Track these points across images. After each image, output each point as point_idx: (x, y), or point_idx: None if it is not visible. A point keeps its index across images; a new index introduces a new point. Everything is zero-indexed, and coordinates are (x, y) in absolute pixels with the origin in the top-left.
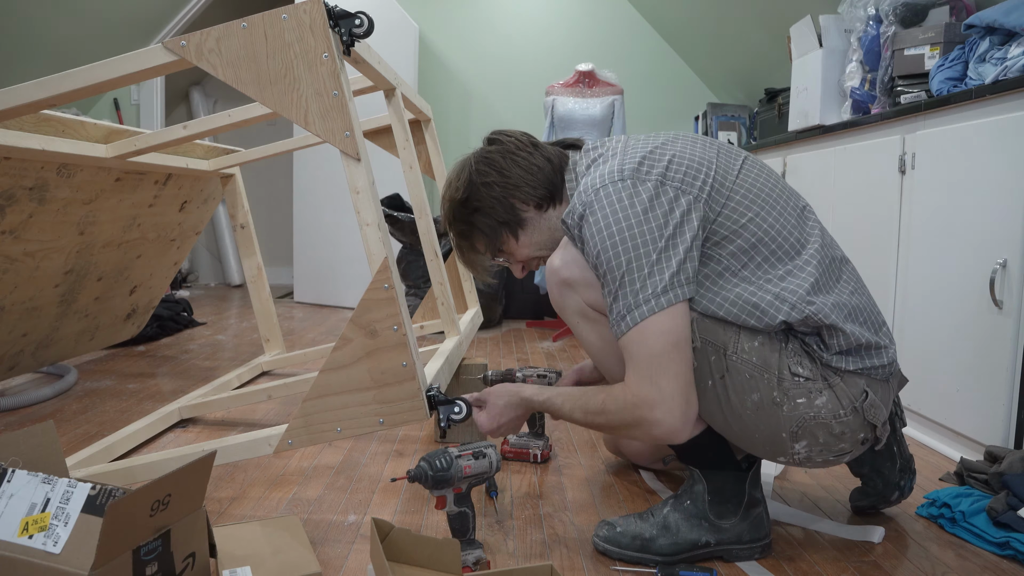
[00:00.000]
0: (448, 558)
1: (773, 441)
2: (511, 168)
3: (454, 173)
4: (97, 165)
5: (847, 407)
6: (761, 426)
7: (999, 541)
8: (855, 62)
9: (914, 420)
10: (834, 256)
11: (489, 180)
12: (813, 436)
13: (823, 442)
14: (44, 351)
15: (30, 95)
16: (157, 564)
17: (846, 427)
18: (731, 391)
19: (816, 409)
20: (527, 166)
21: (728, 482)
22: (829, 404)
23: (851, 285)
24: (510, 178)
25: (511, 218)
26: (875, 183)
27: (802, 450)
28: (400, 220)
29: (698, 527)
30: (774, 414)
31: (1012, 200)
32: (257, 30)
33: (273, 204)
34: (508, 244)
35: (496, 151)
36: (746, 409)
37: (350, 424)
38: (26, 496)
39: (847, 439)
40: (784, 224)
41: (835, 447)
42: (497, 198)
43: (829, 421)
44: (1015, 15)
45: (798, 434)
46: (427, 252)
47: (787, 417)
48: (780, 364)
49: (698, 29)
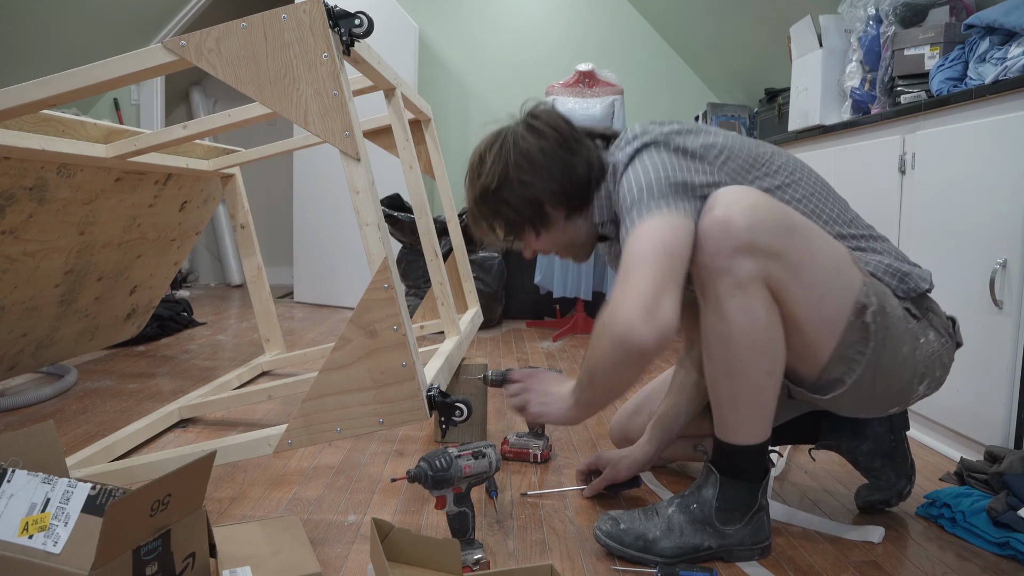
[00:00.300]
0: (448, 558)
1: (905, 389)
2: (551, 171)
3: (489, 153)
4: (97, 165)
5: (944, 335)
6: (902, 376)
7: (999, 541)
8: (855, 62)
9: (914, 420)
10: None
11: (525, 179)
12: (932, 372)
13: (938, 376)
14: (44, 351)
15: (30, 95)
16: (157, 564)
17: (947, 354)
18: (888, 350)
19: (931, 345)
20: (567, 171)
21: (742, 492)
22: (938, 337)
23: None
24: (548, 182)
25: (538, 219)
26: (875, 183)
27: (922, 390)
28: (400, 220)
29: (702, 532)
30: (911, 359)
31: (1012, 200)
32: (257, 30)
33: (273, 204)
34: (528, 237)
35: (538, 147)
36: (895, 363)
37: (350, 424)
38: (26, 496)
39: (948, 367)
40: None
41: (943, 378)
42: (529, 198)
43: (941, 352)
44: (1015, 15)
45: (924, 373)
46: (427, 252)
47: (919, 359)
48: (904, 312)
49: (698, 29)
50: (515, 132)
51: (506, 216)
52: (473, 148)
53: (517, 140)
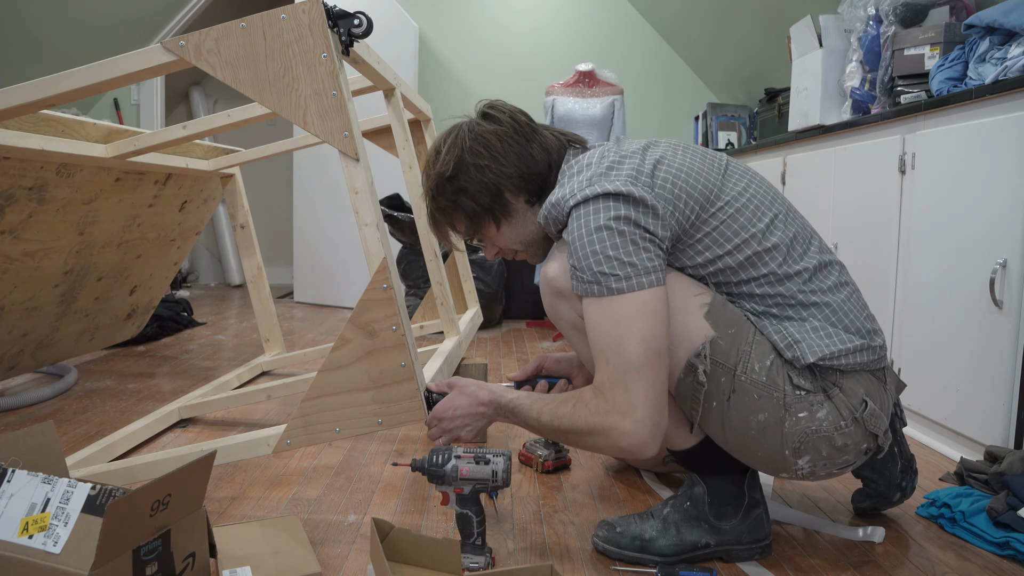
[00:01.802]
0: (448, 558)
1: (776, 459)
2: (507, 155)
3: (444, 143)
4: (97, 165)
5: (847, 418)
6: (765, 445)
7: (999, 541)
8: (855, 62)
9: (914, 420)
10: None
11: (482, 163)
12: (816, 450)
13: (826, 456)
14: (44, 351)
15: (30, 95)
16: (157, 564)
17: (848, 438)
18: (735, 411)
19: (818, 422)
20: (524, 156)
21: (727, 485)
22: (830, 416)
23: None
24: (504, 166)
25: (497, 206)
26: (875, 183)
27: (805, 465)
28: (400, 220)
29: (698, 528)
30: (777, 432)
31: (1012, 200)
32: (256, 30)
33: (273, 204)
34: (488, 230)
35: (493, 132)
36: (751, 429)
37: (349, 424)
38: (26, 496)
39: (850, 451)
40: None
41: (838, 460)
42: (487, 184)
43: (831, 434)
44: (1015, 15)
45: (800, 450)
46: (426, 252)
47: (789, 433)
48: (784, 379)
49: (698, 29)
50: (470, 122)
51: (465, 207)
52: None
53: (472, 128)
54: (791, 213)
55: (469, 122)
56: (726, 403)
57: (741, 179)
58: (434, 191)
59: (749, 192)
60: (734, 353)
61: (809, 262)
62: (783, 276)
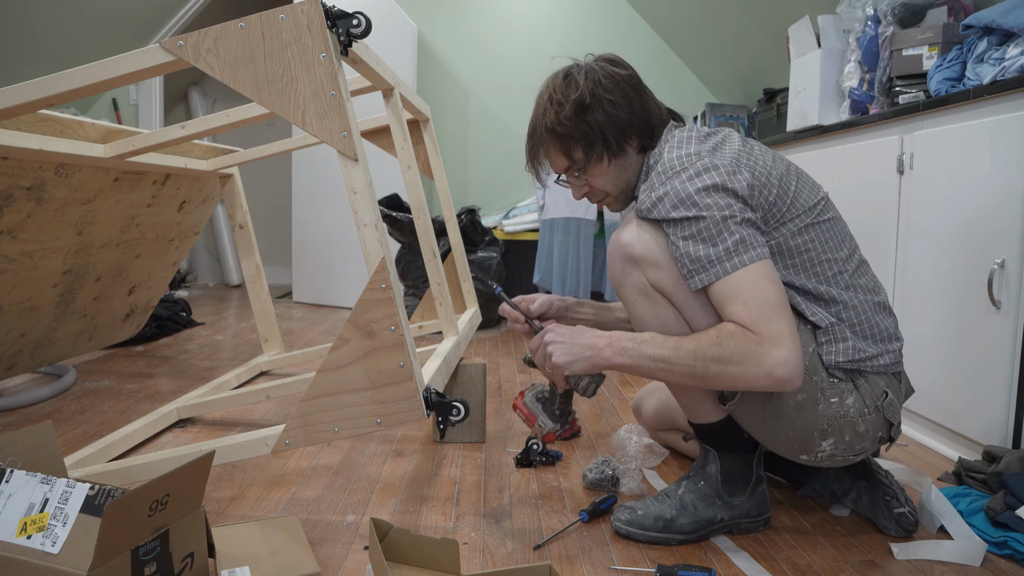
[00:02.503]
0: (447, 558)
1: (804, 438)
2: (634, 100)
3: (577, 73)
4: (95, 165)
5: (871, 406)
6: (798, 424)
7: (997, 541)
8: (853, 62)
9: (913, 420)
10: None
11: (615, 100)
12: (840, 434)
13: (848, 440)
14: (42, 351)
15: (28, 94)
16: (155, 564)
17: (869, 425)
18: (790, 394)
19: (846, 408)
20: (647, 105)
21: (739, 463)
22: (856, 404)
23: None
24: (635, 110)
25: (615, 143)
26: (873, 183)
27: (827, 447)
28: (398, 220)
29: (713, 505)
30: (812, 412)
31: (1010, 200)
32: (255, 30)
33: (272, 204)
34: (597, 166)
35: (624, 77)
36: (789, 408)
37: (347, 424)
38: (24, 496)
39: (868, 438)
40: None
41: (856, 446)
42: (615, 120)
43: (856, 419)
44: (1013, 15)
45: (827, 432)
46: (425, 252)
47: (821, 415)
48: (822, 366)
49: (696, 29)
50: (595, 63)
51: (588, 138)
52: (470, 149)
53: (604, 67)
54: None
55: (597, 61)
56: None
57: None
58: (558, 117)
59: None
60: None
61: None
62: (831, 278)
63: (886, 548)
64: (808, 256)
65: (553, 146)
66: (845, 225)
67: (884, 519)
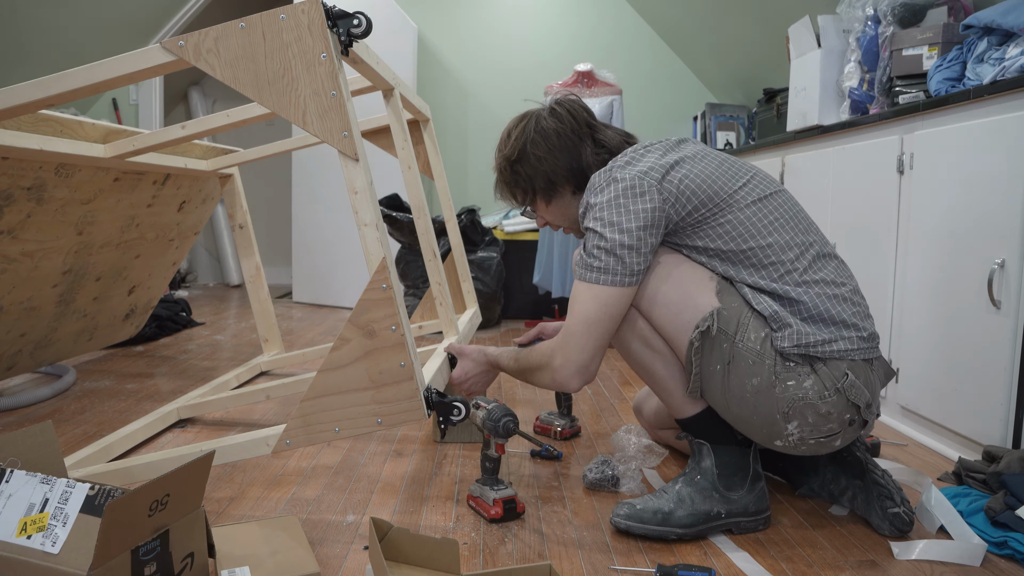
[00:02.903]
0: (447, 558)
1: (769, 423)
2: (561, 151)
3: (514, 129)
4: (95, 165)
5: (830, 388)
6: (759, 408)
7: (997, 541)
8: (853, 62)
9: (913, 420)
10: None
11: (539, 154)
12: (803, 416)
13: (812, 422)
14: (42, 351)
15: (28, 95)
16: (155, 564)
17: (832, 407)
18: (733, 376)
19: (804, 391)
20: (575, 154)
21: (734, 456)
22: (815, 386)
23: None
24: (558, 161)
25: (547, 189)
26: (873, 183)
27: (795, 431)
28: (399, 220)
29: (710, 499)
30: (770, 396)
31: (1010, 200)
32: (255, 30)
33: (272, 204)
34: (539, 206)
35: (554, 130)
36: (746, 392)
37: (348, 424)
38: (24, 496)
39: (834, 419)
40: None
41: (823, 427)
42: (541, 171)
43: (816, 401)
44: (1013, 15)
45: (789, 414)
46: (425, 252)
47: (779, 398)
48: (776, 351)
49: (697, 29)
50: (538, 115)
51: (522, 185)
52: (470, 149)
53: (539, 121)
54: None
55: (538, 114)
56: (727, 367)
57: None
58: (500, 168)
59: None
60: (734, 323)
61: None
62: (777, 278)
63: (886, 548)
64: (752, 259)
65: (502, 189)
66: (800, 222)
67: (879, 519)
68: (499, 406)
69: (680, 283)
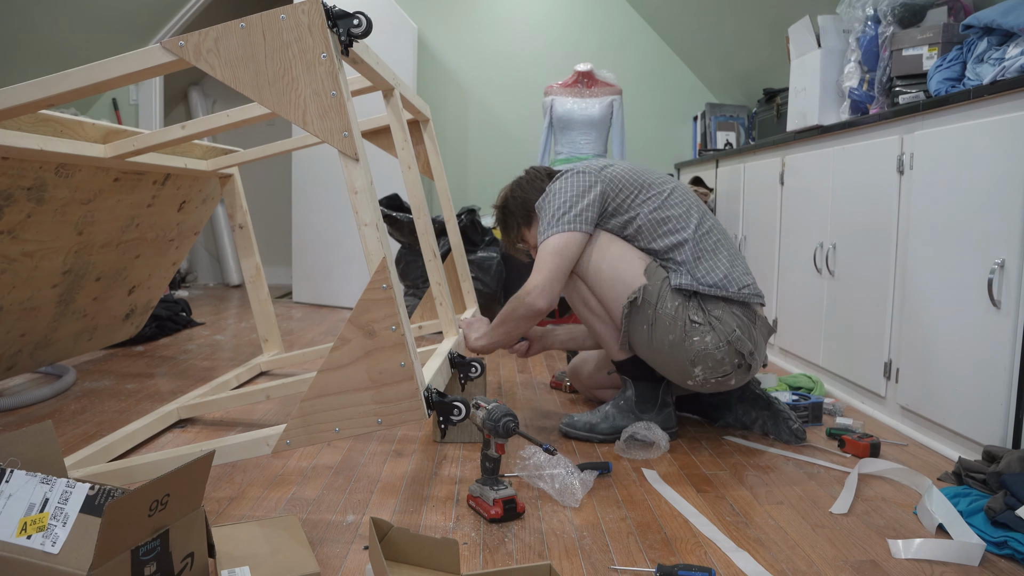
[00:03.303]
0: (447, 558)
1: (681, 367)
2: (530, 191)
3: (506, 188)
4: (95, 165)
5: (723, 341)
6: (674, 357)
7: (997, 541)
8: (853, 62)
9: (913, 420)
10: None
11: (516, 195)
12: (705, 362)
13: (711, 367)
14: (42, 351)
15: (29, 95)
16: (155, 564)
17: (724, 354)
18: (656, 333)
19: (705, 344)
20: (540, 190)
21: (648, 390)
22: (713, 340)
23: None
24: (528, 197)
25: (525, 218)
26: (873, 183)
27: (700, 373)
28: (398, 220)
29: (627, 417)
30: (681, 348)
31: (1010, 200)
32: (255, 30)
33: (272, 204)
34: (524, 233)
35: (526, 180)
36: (664, 346)
37: (348, 424)
38: (24, 496)
39: (726, 363)
40: None
41: (719, 370)
42: (520, 207)
43: (713, 351)
44: (1013, 15)
45: (695, 361)
46: (425, 252)
47: (688, 350)
48: (685, 315)
49: (697, 29)
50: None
51: (510, 220)
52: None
53: (516, 181)
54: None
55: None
56: (651, 327)
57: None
58: (497, 212)
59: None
60: (655, 295)
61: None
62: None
63: (886, 548)
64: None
65: (500, 228)
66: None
67: (786, 435)
68: (499, 406)
69: (614, 263)
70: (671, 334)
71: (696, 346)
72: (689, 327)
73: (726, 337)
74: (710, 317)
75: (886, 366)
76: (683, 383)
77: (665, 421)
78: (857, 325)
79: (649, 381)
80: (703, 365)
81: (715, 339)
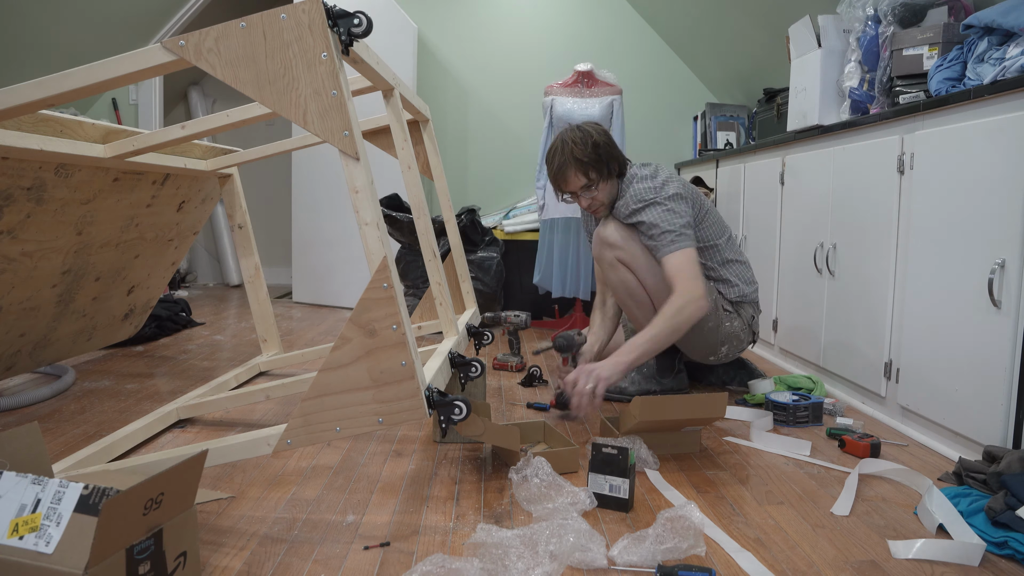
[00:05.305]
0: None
1: (711, 346)
2: (616, 148)
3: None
4: (95, 165)
5: (745, 325)
6: (710, 339)
7: (997, 541)
8: (854, 62)
9: (913, 420)
10: None
11: (612, 152)
12: (730, 342)
13: (734, 344)
14: (42, 351)
15: (29, 95)
16: (150, 563)
17: (744, 334)
18: (706, 321)
19: (734, 328)
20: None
21: (666, 360)
22: (739, 325)
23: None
24: (620, 154)
25: (612, 171)
26: (873, 183)
27: (724, 350)
28: (398, 220)
29: (650, 380)
30: (716, 332)
31: (1010, 200)
32: (256, 30)
33: (271, 204)
34: (601, 184)
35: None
36: (705, 330)
37: (349, 424)
38: (15, 497)
39: (744, 342)
40: None
41: (739, 346)
42: (615, 157)
43: (739, 333)
44: (1013, 15)
45: (724, 341)
46: (425, 252)
47: (722, 333)
48: (720, 306)
49: (697, 29)
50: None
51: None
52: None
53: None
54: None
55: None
56: None
57: (708, 203)
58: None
59: (712, 212)
60: None
61: (731, 254)
62: (731, 250)
63: (886, 548)
64: (708, 244)
65: (577, 170)
66: (724, 226)
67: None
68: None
69: None
70: (711, 320)
71: (727, 330)
72: (723, 315)
73: (747, 321)
74: (736, 305)
75: (886, 366)
76: (705, 359)
77: (679, 383)
78: (857, 325)
79: (667, 353)
80: (729, 344)
81: (739, 324)
